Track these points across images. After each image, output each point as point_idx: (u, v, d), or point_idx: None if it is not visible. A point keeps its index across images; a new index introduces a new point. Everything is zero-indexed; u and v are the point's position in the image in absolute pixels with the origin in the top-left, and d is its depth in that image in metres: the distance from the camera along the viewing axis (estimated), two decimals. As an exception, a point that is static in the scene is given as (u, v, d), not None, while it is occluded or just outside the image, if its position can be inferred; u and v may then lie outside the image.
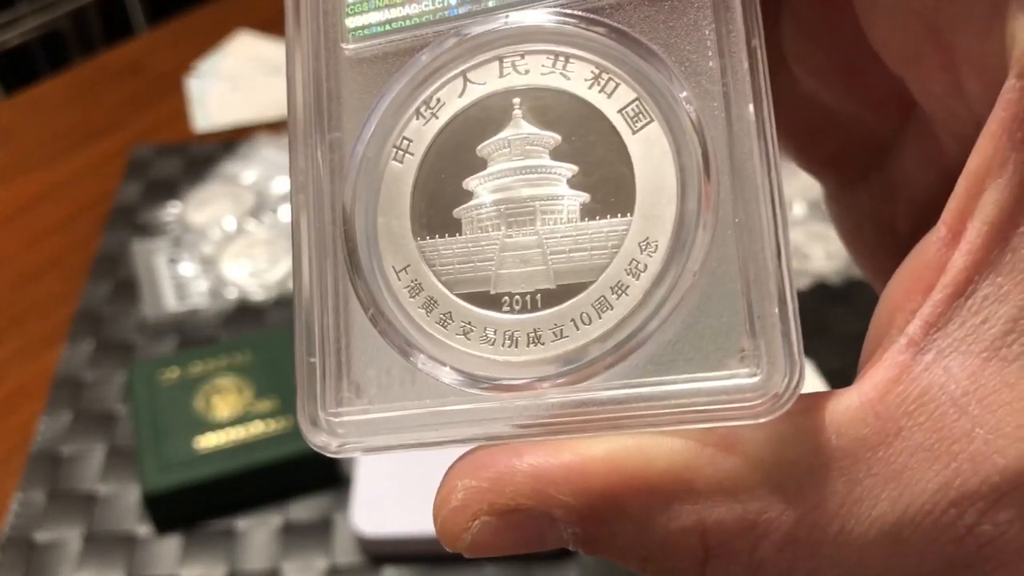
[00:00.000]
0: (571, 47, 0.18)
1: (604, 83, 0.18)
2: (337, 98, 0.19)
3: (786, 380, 0.16)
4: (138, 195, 0.79)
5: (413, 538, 0.54)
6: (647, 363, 0.17)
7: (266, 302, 0.70)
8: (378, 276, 0.18)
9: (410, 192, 0.18)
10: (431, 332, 0.18)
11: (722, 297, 0.17)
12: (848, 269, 0.72)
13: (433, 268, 0.18)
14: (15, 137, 0.87)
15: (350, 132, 0.19)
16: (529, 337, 0.18)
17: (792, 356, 0.16)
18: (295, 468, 0.57)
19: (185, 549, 0.55)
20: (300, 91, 0.19)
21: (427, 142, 0.18)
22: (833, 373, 0.64)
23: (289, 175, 0.19)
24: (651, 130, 0.17)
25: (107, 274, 0.72)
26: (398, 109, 0.19)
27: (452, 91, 0.18)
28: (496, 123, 0.18)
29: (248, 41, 0.97)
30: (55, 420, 0.62)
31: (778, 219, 0.16)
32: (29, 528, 0.56)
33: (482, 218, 0.18)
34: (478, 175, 0.18)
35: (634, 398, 0.17)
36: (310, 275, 0.19)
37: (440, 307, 0.18)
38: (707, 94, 0.17)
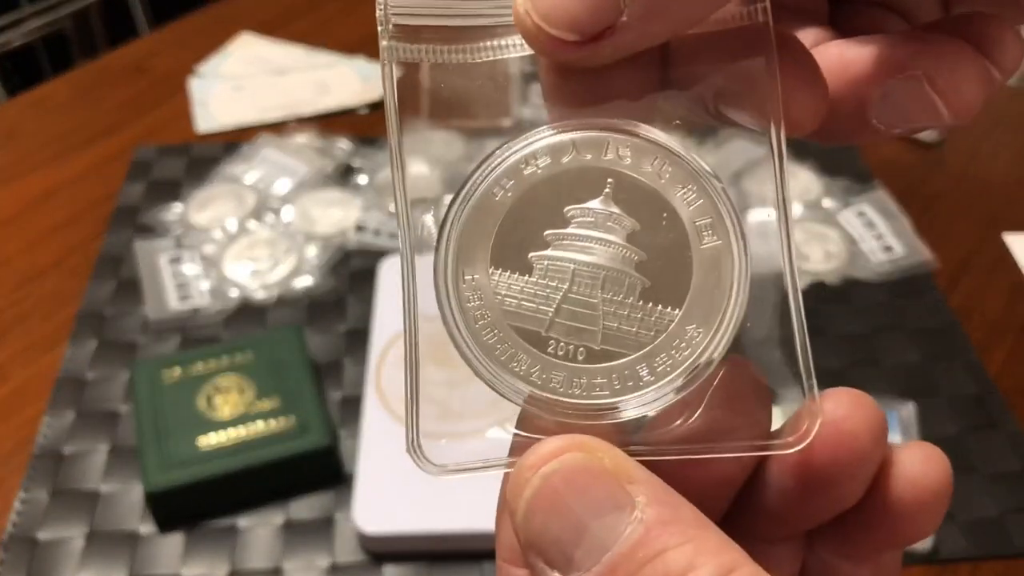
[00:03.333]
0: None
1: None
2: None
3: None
4: (141, 195, 0.79)
5: (414, 536, 0.54)
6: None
7: (267, 302, 0.70)
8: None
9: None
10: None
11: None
12: (846, 269, 0.72)
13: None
14: (18, 137, 0.87)
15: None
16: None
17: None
18: (296, 467, 0.57)
19: (187, 547, 0.55)
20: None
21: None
22: (831, 373, 0.64)
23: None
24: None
25: (109, 274, 0.72)
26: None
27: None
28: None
29: (251, 42, 0.98)
30: (58, 419, 0.62)
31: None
32: (32, 527, 0.56)
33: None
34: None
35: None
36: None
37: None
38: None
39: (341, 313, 0.69)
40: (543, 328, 0.20)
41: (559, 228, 0.21)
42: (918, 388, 0.64)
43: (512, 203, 0.21)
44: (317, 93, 0.90)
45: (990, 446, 0.61)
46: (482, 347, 0.21)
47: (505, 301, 0.20)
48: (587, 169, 0.21)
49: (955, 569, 0.55)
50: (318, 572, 0.54)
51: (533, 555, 0.18)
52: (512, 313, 0.20)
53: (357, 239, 0.74)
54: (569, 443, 0.19)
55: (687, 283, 0.20)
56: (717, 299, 0.20)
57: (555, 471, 0.18)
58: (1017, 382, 0.65)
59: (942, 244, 0.74)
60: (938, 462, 0.21)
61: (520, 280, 0.20)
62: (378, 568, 0.54)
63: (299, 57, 0.95)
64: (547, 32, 0.19)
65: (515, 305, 0.20)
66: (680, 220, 0.20)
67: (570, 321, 0.20)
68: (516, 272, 0.21)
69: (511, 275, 0.21)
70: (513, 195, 0.21)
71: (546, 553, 0.18)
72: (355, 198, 0.78)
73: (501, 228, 0.21)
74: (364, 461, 0.57)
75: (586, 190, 0.21)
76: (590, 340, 0.20)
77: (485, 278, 0.21)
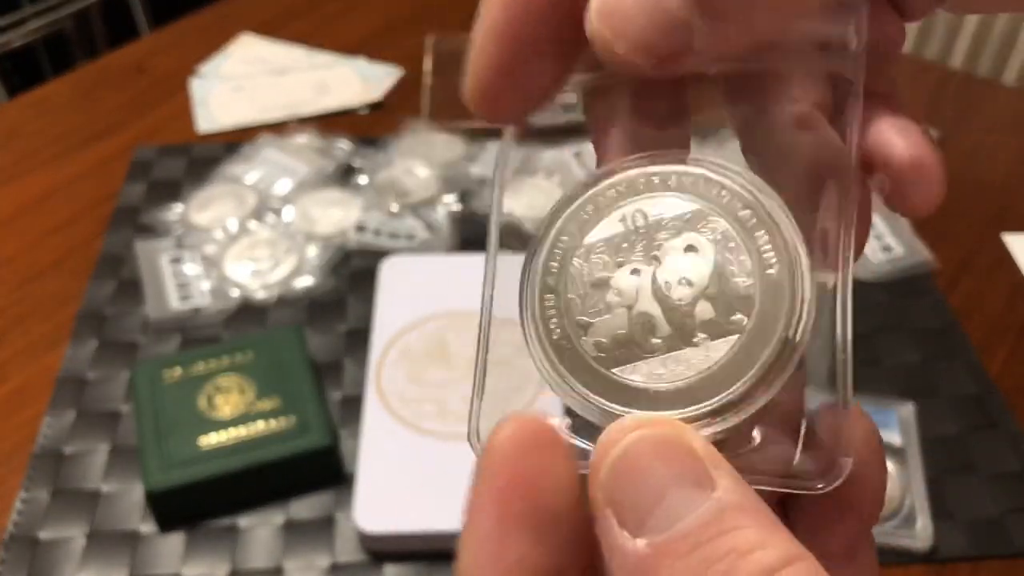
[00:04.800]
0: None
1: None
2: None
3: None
4: (141, 196, 0.79)
5: (415, 535, 0.54)
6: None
7: (268, 302, 0.70)
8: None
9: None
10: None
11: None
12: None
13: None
14: (19, 138, 0.87)
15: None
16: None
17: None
18: (297, 466, 0.57)
19: (188, 547, 0.55)
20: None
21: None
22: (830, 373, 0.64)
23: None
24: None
25: (110, 274, 0.72)
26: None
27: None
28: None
29: (251, 43, 0.98)
30: (58, 419, 0.62)
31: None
32: (33, 526, 0.56)
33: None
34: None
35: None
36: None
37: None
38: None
39: (341, 313, 0.69)
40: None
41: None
42: (918, 388, 0.64)
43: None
44: (317, 93, 0.90)
45: (990, 446, 0.61)
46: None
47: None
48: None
49: (955, 569, 0.55)
50: (318, 572, 0.54)
51: (608, 514, 0.18)
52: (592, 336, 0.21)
53: (357, 239, 0.74)
54: (661, 419, 0.19)
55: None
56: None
57: (645, 437, 0.19)
58: (1017, 382, 0.65)
59: (942, 244, 0.74)
60: (868, 424, 0.21)
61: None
62: (379, 568, 0.55)
63: (299, 57, 0.95)
64: (621, 55, 0.19)
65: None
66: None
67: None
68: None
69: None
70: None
71: (621, 512, 0.18)
72: (355, 198, 0.78)
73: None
74: (364, 461, 0.57)
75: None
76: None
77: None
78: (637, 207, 0.21)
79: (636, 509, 0.18)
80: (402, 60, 0.94)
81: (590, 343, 0.21)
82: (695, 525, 0.17)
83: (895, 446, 0.59)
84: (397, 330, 0.64)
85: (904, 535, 0.55)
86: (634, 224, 0.21)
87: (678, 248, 0.21)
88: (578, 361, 0.21)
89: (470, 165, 0.81)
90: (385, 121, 0.86)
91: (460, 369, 0.62)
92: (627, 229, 0.21)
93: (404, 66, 0.93)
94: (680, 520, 0.17)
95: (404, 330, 0.64)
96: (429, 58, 0.93)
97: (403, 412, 0.59)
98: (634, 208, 0.21)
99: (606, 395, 0.20)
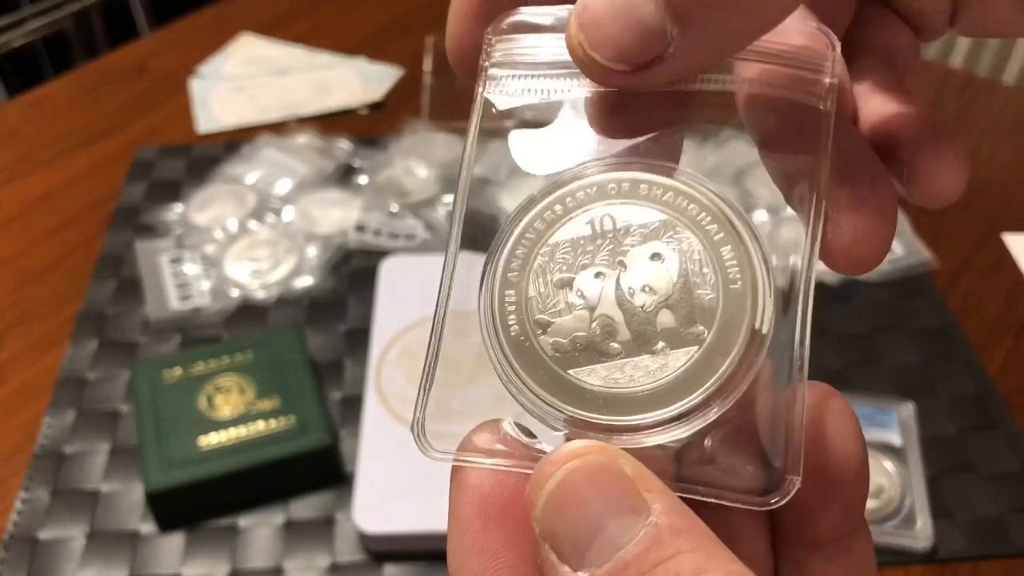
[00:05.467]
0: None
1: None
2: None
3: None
4: (141, 196, 0.79)
5: (414, 535, 0.54)
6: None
7: (268, 302, 0.70)
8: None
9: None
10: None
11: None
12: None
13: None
14: (19, 138, 0.87)
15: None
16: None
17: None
18: (296, 466, 0.57)
19: (188, 547, 0.55)
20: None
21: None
22: (832, 373, 0.64)
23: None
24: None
25: (110, 274, 0.72)
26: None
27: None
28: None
29: (251, 43, 0.98)
30: (59, 419, 0.62)
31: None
32: (33, 526, 0.57)
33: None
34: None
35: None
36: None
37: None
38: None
39: (341, 313, 0.69)
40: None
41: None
42: (918, 388, 0.64)
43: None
44: (317, 93, 0.90)
45: (990, 446, 0.61)
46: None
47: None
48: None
49: (955, 569, 0.55)
50: (318, 572, 0.54)
51: (546, 549, 0.19)
52: (551, 334, 0.21)
53: (357, 239, 0.75)
54: (593, 446, 0.19)
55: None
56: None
57: (577, 468, 0.19)
58: (1017, 382, 0.65)
59: (942, 244, 0.74)
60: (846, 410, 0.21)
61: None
62: (378, 567, 0.55)
63: (299, 57, 0.95)
64: (598, 62, 0.20)
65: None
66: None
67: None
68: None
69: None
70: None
71: (560, 547, 0.18)
72: (355, 198, 0.78)
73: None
74: (364, 461, 0.57)
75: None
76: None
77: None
78: (606, 211, 0.21)
79: (574, 542, 0.18)
80: (402, 60, 0.94)
81: (548, 342, 0.21)
82: (634, 554, 0.18)
83: (895, 446, 0.59)
84: (397, 330, 0.64)
85: (904, 535, 0.55)
86: (601, 228, 0.21)
87: (644, 255, 0.21)
88: (534, 359, 0.21)
89: (470, 165, 0.81)
90: (385, 121, 0.86)
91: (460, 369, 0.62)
92: (594, 232, 0.21)
93: (404, 66, 0.93)
94: (618, 549, 0.18)
95: (404, 330, 0.64)
96: (429, 58, 0.93)
97: (403, 412, 0.59)
98: (603, 212, 0.21)
99: (560, 396, 0.20)
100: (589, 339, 0.20)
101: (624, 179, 0.21)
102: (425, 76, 0.91)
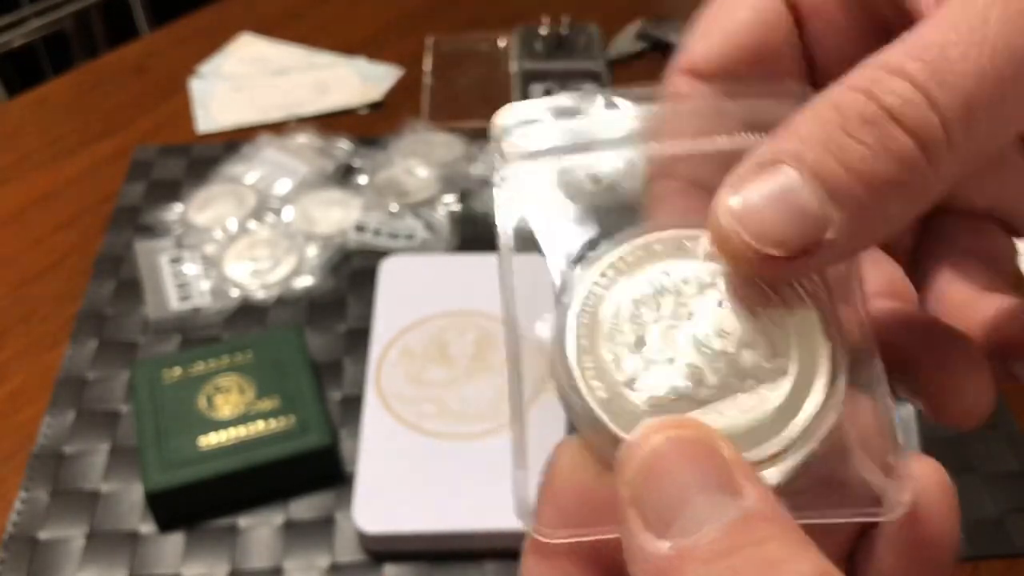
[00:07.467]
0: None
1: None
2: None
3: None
4: (141, 196, 0.79)
5: (415, 535, 0.54)
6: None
7: (268, 302, 0.70)
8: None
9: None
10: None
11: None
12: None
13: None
14: (19, 138, 0.87)
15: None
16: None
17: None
18: (296, 466, 0.57)
19: (187, 547, 0.55)
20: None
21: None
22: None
23: None
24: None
25: (110, 274, 0.72)
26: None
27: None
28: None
29: (251, 43, 0.98)
30: (58, 419, 0.62)
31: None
32: (32, 526, 0.56)
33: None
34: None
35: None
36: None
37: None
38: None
39: (341, 313, 0.69)
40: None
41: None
42: (918, 388, 0.64)
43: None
44: (317, 93, 0.90)
45: (990, 446, 0.61)
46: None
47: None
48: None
49: (955, 569, 0.55)
50: (318, 572, 0.54)
51: (632, 515, 0.18)
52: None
53: (357, 239, 0.74)
54: (692, 421, 0.19)
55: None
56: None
57: (673, 438, 0.19)
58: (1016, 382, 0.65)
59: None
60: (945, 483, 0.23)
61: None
62: (378, 568, 0.55)
63: (299, 57, 0.95)
64: (754, 248, 0.20)
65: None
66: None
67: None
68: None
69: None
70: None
71: (645, 513, 0.18)
72: (355, 198, 0.78)
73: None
74: (364, 461, 0.57)
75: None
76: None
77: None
78: (660, 268, 0.22)
79: (661, 510, 0.18)
80: (402, 60, 0.94)
81: (642, 398, 0.21)
82: (721, 531, 0.17)
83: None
84: (397, 330, 0.64)
85: (904, 535, 0.55)
86: (661, 284, 0.22)
87: (709, 302, 0.21)
88: (631, 418, 0.21)
89: (470, 165, 0.81)
90: (385, 121, 0.86)
91: (460, 369, 0.62)
92: (655, 288, 0.22)
93: (404, 66, 0.93)
94: (705, 524, 0.17)
95: (404, 330, 0.64)
96: (429, 58, 0.93)
97: (403, 412, 0.59)
98: (660, 268, 0.22)
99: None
100: (679, 389, 0.21)
101: (665, 238, 0.22)
102: (425, 76, 0.91)
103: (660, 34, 0.93)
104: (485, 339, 0.63)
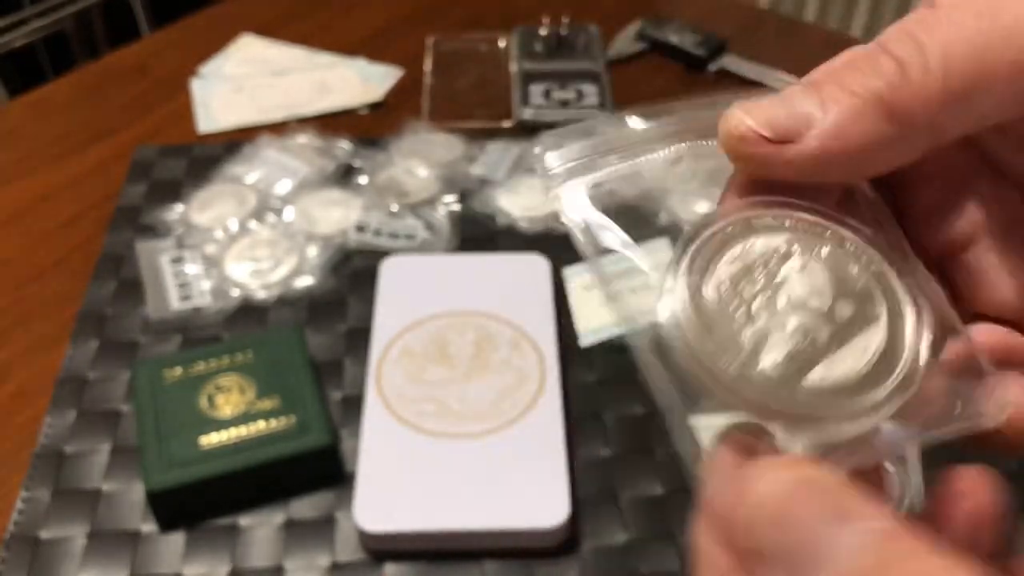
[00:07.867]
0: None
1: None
2: None
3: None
4: (142, 196, 0.79)
5: (416, 535, 0.54)
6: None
7: (268, 302, 0.70)
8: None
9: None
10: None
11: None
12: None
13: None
14: (19, 138, 0.87)
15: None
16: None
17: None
18: (297, 466, 0.57)
19: (188, 546, 0.56)
20: None
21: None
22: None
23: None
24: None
25: (111, 274, 0.72)
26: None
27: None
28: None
29: (252, 43, 0.98)
30: (59, 419, 0.62)
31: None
32: (33, 526, 0.57)
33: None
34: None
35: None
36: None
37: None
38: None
39: (342, 313, 0.69)
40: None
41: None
42: (917, 388, 0.64)
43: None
44: (318, 93, 0.90)
45: (989, 446, 0.61)
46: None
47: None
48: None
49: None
50: (319, 571, 0.54)
51: (763, 567, 0.18)
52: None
53: (358, 239, 0.75)
54: (798, 459, 0.20)
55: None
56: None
57: (785, 480, 0.19)
58: (1016, 382, 0.65)
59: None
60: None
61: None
62: (379, 567, 0.55)
63: (300, 58, 0.95)
64: (747, 124, 0.23)
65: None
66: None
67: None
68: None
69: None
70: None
71: (774, 562, 0.18)
72: (356, 198, 0.78)
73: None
74: (365, 460, 0.57)
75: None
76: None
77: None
78: (743, 246, 0.24)
79: (790, 559, 0.18)
80: (402, 60, 0.94)
81: (768, 363, 0.22)
82: (862, 560, 0.17)
83: (894, 446, 0.59)
84: (397, 330, 0.64)
85: (903, 534, 0.55)
86: (749, 260, 0.24)
87: (794, 267, 0.24)
88: (767, 384, 0.22)
89: (470, 165, 0.81)
90: (385, 121, 0.86)
91: (460, 369, 0.62)
92: (745, 264, 0.24)
93: (404, 66, 0.93)
94: (838, 562, 0.17)
95: (404, 330, 0.64)
96: (429, 58, 0.93)
97: (403, 412, 0.59)
98: (741, 247, 0.24)
99: (808, 404, 0.22)
100: (797, 350, 0.22)
101: (734, 221, 0.24)
102: (425, 76, 0.91)
103: (660, 34, 0.93)
104: (485, 339, 0.63)
